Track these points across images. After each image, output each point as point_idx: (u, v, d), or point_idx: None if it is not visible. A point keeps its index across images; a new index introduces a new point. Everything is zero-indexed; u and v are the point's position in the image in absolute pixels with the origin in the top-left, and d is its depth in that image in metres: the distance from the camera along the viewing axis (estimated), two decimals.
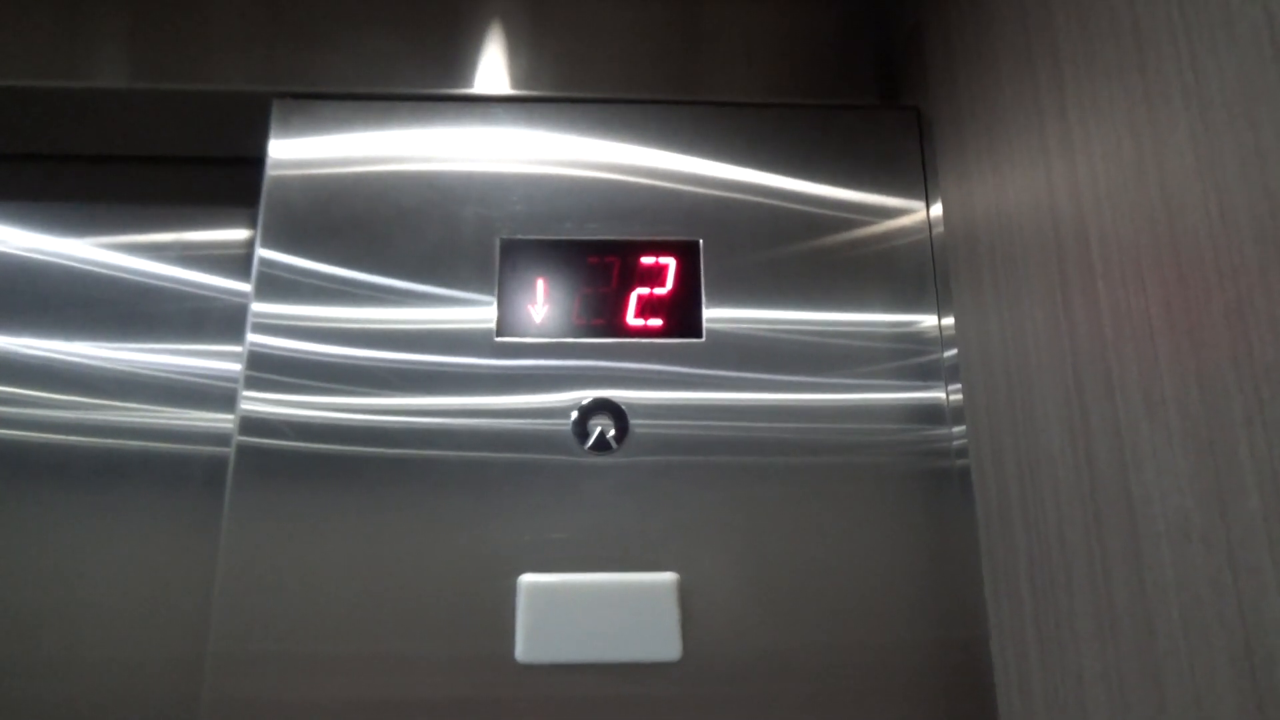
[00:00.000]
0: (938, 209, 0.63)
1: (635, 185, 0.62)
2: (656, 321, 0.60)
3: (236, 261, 0.69)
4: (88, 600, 0.61)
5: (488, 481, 0.56)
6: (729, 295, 0.60)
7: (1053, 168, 0.46)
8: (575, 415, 0.57)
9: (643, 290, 0.60)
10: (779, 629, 0.54)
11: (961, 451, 0.58)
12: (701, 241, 0.61)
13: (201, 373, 0.66)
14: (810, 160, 0.63)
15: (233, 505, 0.54)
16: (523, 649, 0.52)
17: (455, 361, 0.58)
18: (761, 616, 0.54)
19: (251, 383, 0.57)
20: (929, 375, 0.60)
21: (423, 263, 0.60)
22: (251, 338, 0.57)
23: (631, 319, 0.60)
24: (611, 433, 0.57)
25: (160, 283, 0.68)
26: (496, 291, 0.60)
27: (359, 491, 0.55)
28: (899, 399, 0.59)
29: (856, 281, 0.61)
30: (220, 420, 0.65)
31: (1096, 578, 0.42)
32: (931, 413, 0.59)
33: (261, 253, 0.59)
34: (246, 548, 0.54)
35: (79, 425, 0.64)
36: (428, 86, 0.66)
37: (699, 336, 0.59)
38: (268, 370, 0.57)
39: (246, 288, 0.61)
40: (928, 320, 0.61)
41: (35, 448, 0.64)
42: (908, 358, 0.60)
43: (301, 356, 0.57)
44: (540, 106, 0.64)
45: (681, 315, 0.60)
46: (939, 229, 0.62)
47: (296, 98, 0.63)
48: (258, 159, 0.62)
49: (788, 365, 0.59)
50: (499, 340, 0.59)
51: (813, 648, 0.54)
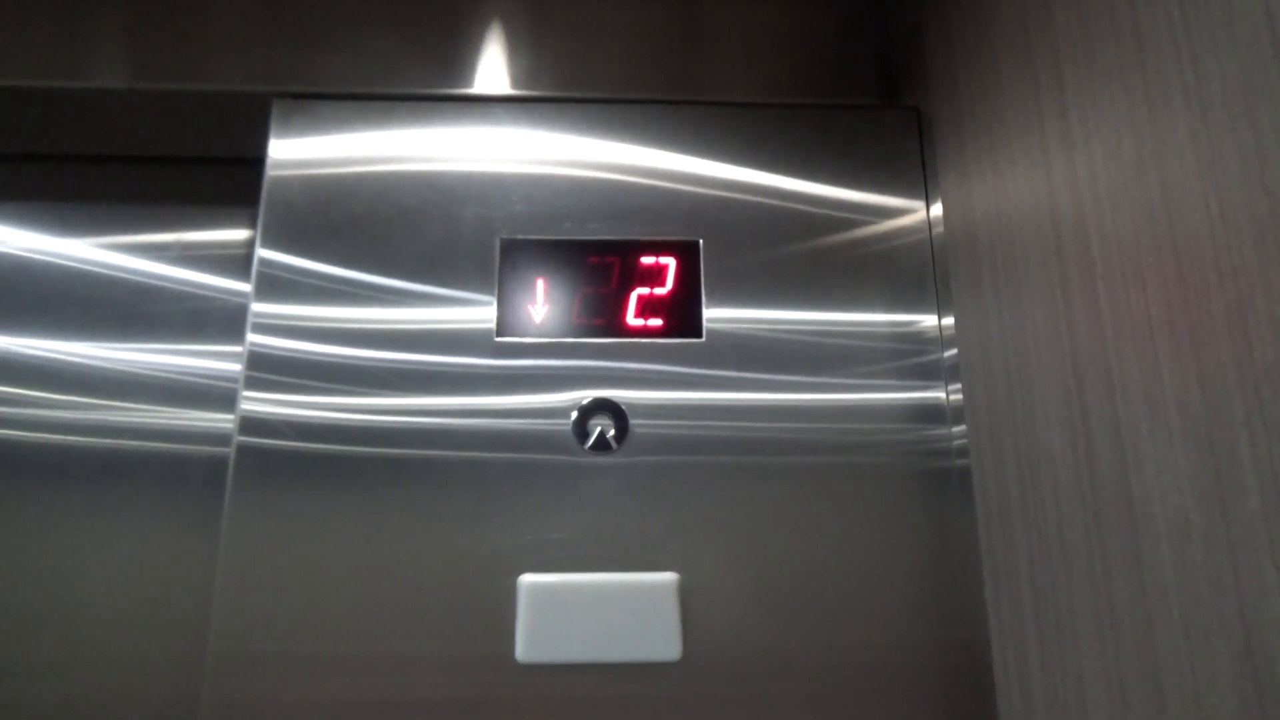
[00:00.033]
0: (938, 209, 0.63)
1: (635, 185, 0.62)
2: (656, 321, 0.60)
3: (236, 261, 0.69)
4: (88, 600, 0.61)
5: (488, 481, 0.56)
6: (729, 295, 0.60)
7: (1053, 167, 0.46)
8: (575, 415, 0.57)
9: (643, 290, 0.60)
10: (779, 629, 0.54)
11: (962, 451, 0.58)
12: (701, 241, 0.61)
13: (201, 373, 0.66)
14: (810, 160, 0.63)
15: (233, 505, 0.54)
16: (523, 649, 0.52)
17: (455, 361, 0.58)
18: (762, 616, 0.54)
19: (251, 383, 0.57)
20: (929, 375, 0.59)
21: (423, 263, 0.60)
22: (251, 338, 0.57)
23: (631, 319, 0.60)
24: (611, 433, 0.57)
25: (160, 283, 0.68)
26: (496, 291, 0.60)
27: (359, 491, 0.55)
28: (899, 399, 0.59)
29: (856, 281, 0.61)
30: (220, 420, 0.65)
31: (1097, 577, 0.42)
32: (932, 412, 0.59)
33: (261, 253, 0.59)
34: (246, 548, 0.54)
35: (79, 425, 0.64)
36: (428, 86, 0.66)
37: (699, 336, 0.59)
38: (268, 370, 0.57)
39: (246, 288, 0.61)
40: (928, 320, 0.61)
41: (35, 448, 0.64)
42: (908, 358, 0.60)
43: (301, 356, 0.57)
44: (540, 106, 0.64)
45: (681, 315, 0.60)
46: (939, 229, 0.62)
47: (296, 98, 0.63)
48: (258, 159, 0.62)
49: (788, 365, 0.59)
50: (499, 340, 0.59)
51: (813, 648, 0.54)
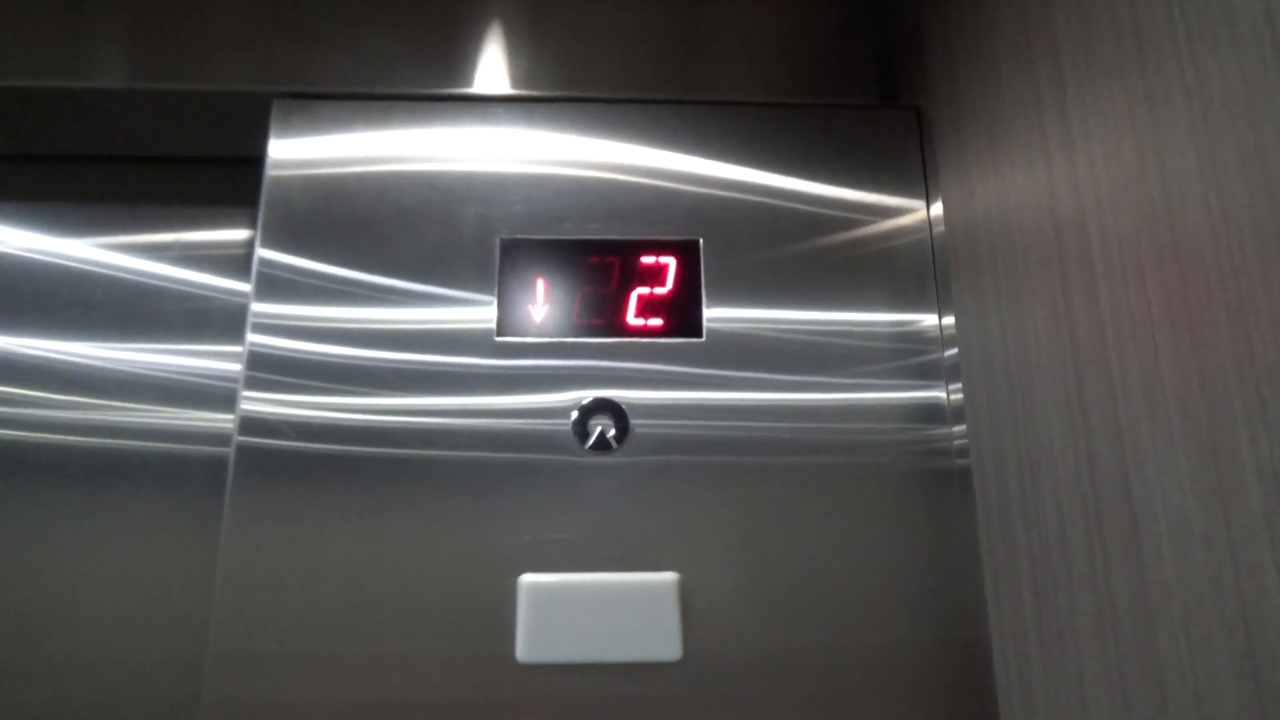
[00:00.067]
0: (938, 208, 0.63)
1: (635, 185, 0.62)
2: (657, 321, 0.60)
3: (236, 261, 0.69)
4: (88, 600, 0.61)
5: (488, 481, 0.56)
6: (729, 295, 0.60)
7: (1053, 167, 0.46)
8: (575, 415, 0.57)
9: (643, 290, 0.60)
10: (779, 629, 0.54)
11: (962, 451, 0.58)
12: (702, 241, 0.61)
13: (201, 373, 0.66)
14: (810, 160, 0.63)
15: (233, 505, 0.54)
16: (523, 649, 0.52)
17: (455, 361, 0.58)
18: (762, 616, 0.54)
19: (251, 383, 0.57)
20: (929, 375, 0.59)
21: (423, 263, 0.60)
22: (251, 338, 0.57)
23: (632, 319, 0.60)
24: (612, 432, 0.57)
25: (160, 283, 0.68)
26: (496, 291, 0.60)
27: (359, 491, 0.55)
28: (899, 398, 0.59)
29: (857, 281, 0.61)
30: (220, 420, 0.65)
31: (1097, 577, 0.42)
32: (932, 412, 0.59)
33: (261, 253, 0.59)
34: (246, 548, 0.54)
35: (79, 425, 0.64)
36: (428, 86, 0.66)
37: (699, 336, 0.59)
38: (268, 370, 0.57)
39: (246, 288, 0.61)
40: (928, 320, 0.61)
41: (35, 448, 0.64)
42: (908, 357, 0.60)
43: (301, 356, 0.57)
44: (540, 106, 0.64)
45: (682, 315, 0.60)
46: (939, 228, 0.62)
47: (296, 98, 0.63)
48: (258, 159, 0.62)
49: (788, 365, 0.59)
50: (499, 340, 0.59)
51: (813, 648, 0.54)
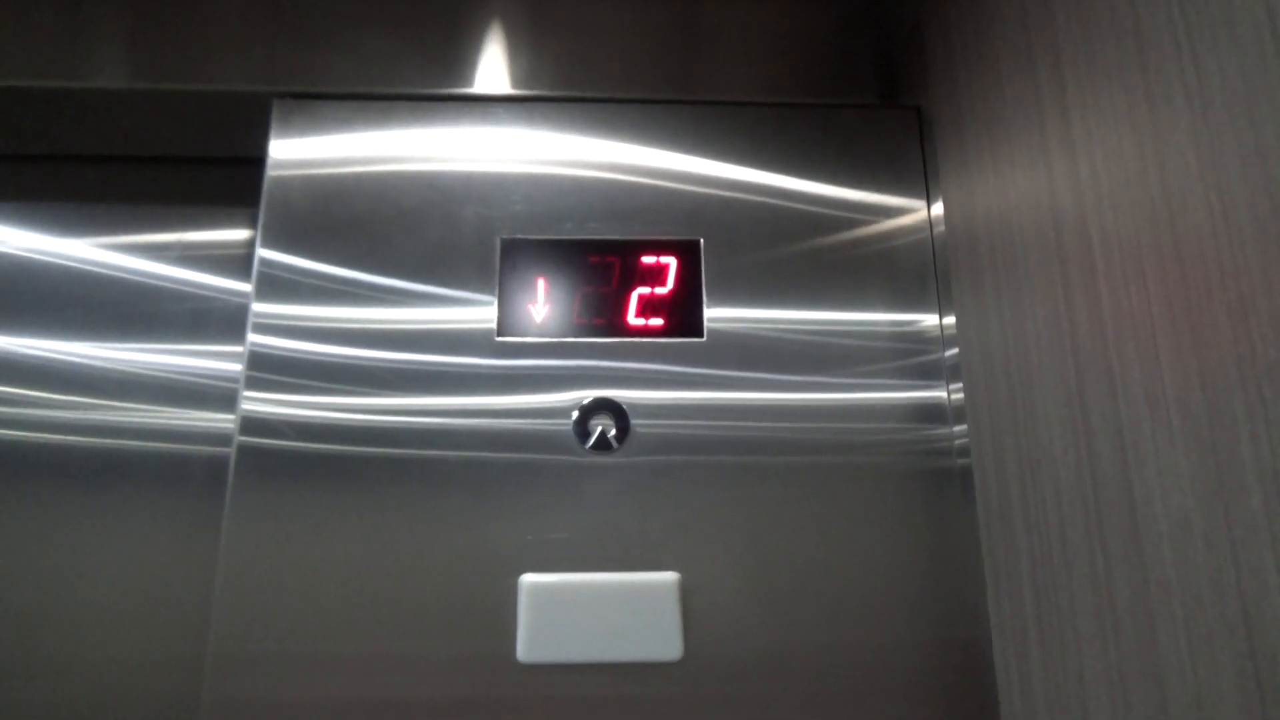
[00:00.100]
0: (938, 208, 0.63)
1: (636, 185, 0.62)
2: (657, 321, 0.60)
3: (237, 261, 0.69)
4: (88, 600, 0.61)
5: (488, 481, 0.56)
6: (730, 295, 0.60)
7: (1054, 167, 0.46)
8: (576, 415, 0.57)
9: (643, 290, 0.60)
10: (780, 629, 0.54)
11: (963, 451, 0.58)
12: (702, 241, 0.61)
13: (202, 373, 0.66)
14: (811, 159, 0.63)
15: (233, 505, 0.54)
16: (524, 649, 0.52)
17: (456, 361, 0.58)
18: (762, 616, 0.54)
19: (252, 383, 0.57)
20: (930, 374, 0.59)
21: (423, 263, 0.60)
22: (252, 338, 0.57)
23: (632, 318, 0.60)
24: (612, 432, 0.57)
25: (160, 283, 0.68)
26: (497, 291, 0.60)
27: (360, 491, 0.55)
28: (900, 398, 0.59)
29: (857, 281, 0.61)
30: (221, 420, 0.65)
31: (1098, 577, 0.42)
32: (933, 412, 0.59)
33: (262, 253, 0.59)
34: (247, 548, 0.54)
35: (79, 425, 0.64)
36: (428, 86, 0.66)
37: (700, 336, 0.59)
38: (268, 370, 0.57)
39: (247, 288, 0.61)
40: (929, 319, 0.61)
41: (35, 448, 0.64)
42: (909, 357, 0.60)
43: (302, 356, 0.57)
44: (540, 106, 0.64)
45: (682, 315, 0.60)
46: (940, 228, 0.62)
47: (296, 98, 0.63)
48: (258, 159, 0.62)
49: (789, 365, 0.59)
50: (499, 340, 0.59)
51: (814, 648, 0.54)
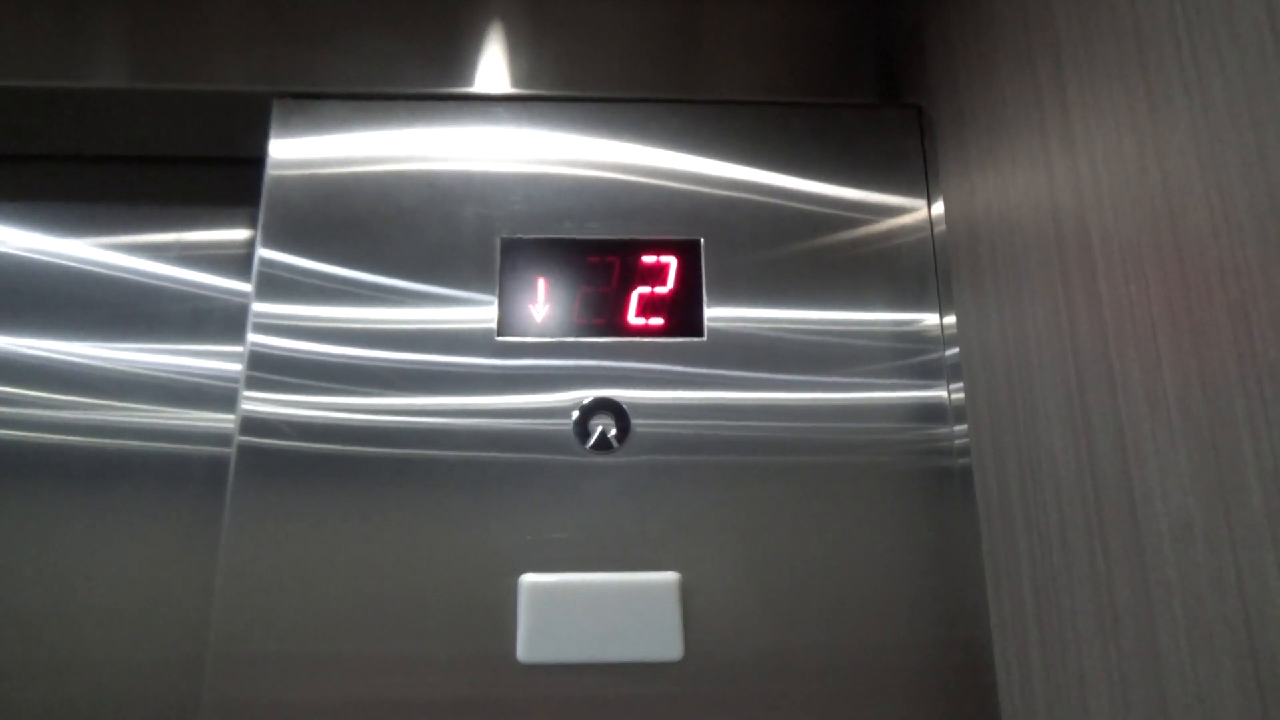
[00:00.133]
0: (939, 207, 0.62)
1: (636, 184, 0.62)
2: (658, 321, 0.60)
3: (237, 261, 0.69)
4: (88, 600, 0.61)
5: (488, 481, 0.56)
6: (730, 294, 0.60)
7: (1054, 166, 0.46)
8: (576, 415, 0.57)
9: (644, 289, 0.60)
10: (780, 629, 0.54)
11: (963, 450, 0.58)
12: (702, 240, 0.61)
13: (202, 373, 0.66)
14: (811, 159, 0.63)
15: (233, 505, 0.54)
16: (524, 649, 0.52)
17: (456, 361, 0.58)
18: (763, 616, 0.54)
19: (252, 383, 0.57)
20: (930, 374, 0.59)
21: (423, 262, 0.60)
22: (252, 338, 0.57)
23: (632, 318, 0.60)
24: (613, 432, 0.57)
25: (160, 283, 0.68)
26: (497, 291, 0.59)
27: (360, 491, 0.55)
28: (900, 398, 0.59)
29: (858, 280, 0.61)
30: (221, 420, 0.65)
31: (1098, 577, 0.42)
32: (933, 411, 0.59)
33: (262, 253, 0.59)
34: (247, 548, 0.54)
35: (79, 425, 0.64)
36: (428, 86, 0.66)
37: (700, 336, 0.59)
38: (268, 370, 0.57)
39: (247, 288, 0.61)
40: (929, 319, 0.61)
41: (35, 448, 0.64)
42: (909, 356, 0.60)
43: (302, 356, 0.57)
44: (540, 105, 0.64)
45: (683, 314, 0.60)
46: (940, 227, 0.62)
47: (296, 98, 0.63)
48: (258, 159, 0.61)
49: (789, 364, 0.59)
50: (500, 340, 0.59)
51: (814, 648, 0.54)
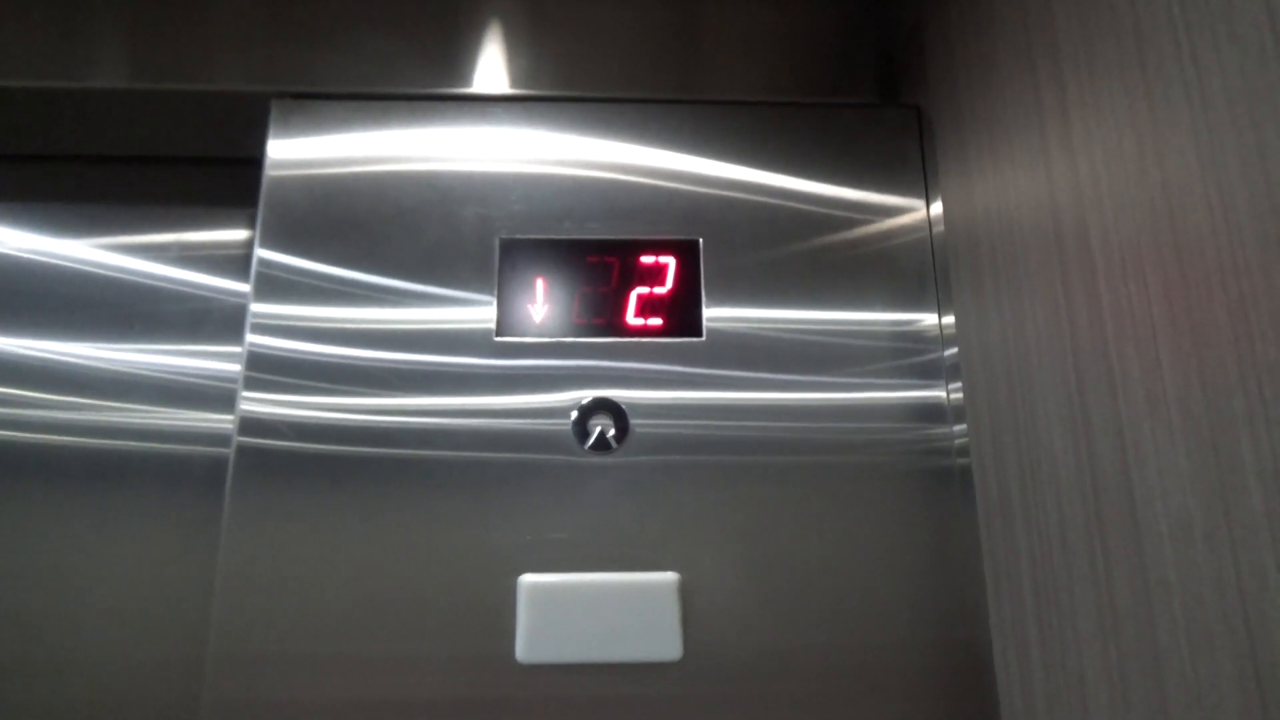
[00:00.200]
0: (938, 207, 0.62)
1: (635, 184, 0.62)
2: (656, 321, 0.60)
3: (235, 262, 0.69)
4: (87, 600, 0.61)
5: (488, 481, 0.56)
6: (729, 294, 0.60)
7: (1053, 166, 0.46)
8: (575, 415, 0.57)
9: (642, 289, 0.60)
10: (780, 629, 0.54)
11: (962, 450, 0.57)
12: (701, 240, 0.61)
13: (201, 373, 0.66)
14: (810, 159, 0.63)
15: (233, 506, 0.54)
16: (523, 649, 0.52)
17: (455, 361, 0.58)
18: (762, 616, 0.54)
19: (251, 383, 0.57)
20: (930, 374, 0.59)
21: (422, 263, 0.60)
22: (251, 338, 0.57)
23: (631, 318, 0.60)
24: (612, 432, 0.57)
25: (159, 283, 0.68)
26: (496, 291, 0.59)
27: (359, 492, 0.55)
28: (900, 398, 0.59)
29: (857, 280, 0.61)
30: (220, 421, 0.65)
31: (1098, 577, 0.41)
32: (932, 411, 0.59)
33: (260, 253, 0.59)
34: (246, 548, 0.54)
35: (78, 426, 0.64)
36: (427, 86, 0.66)
37: (699, 336, 0.59)
38: (267, 371, 0.57)
39: (245, 288, 0.61)
40: (928, 319, 0.61)
41: (35, 448, 0.64)
42: (908, 356, 0.60)
43: (301, 357, 0.57)
44: (540, 106, 0.64)
45: (681, 314, 0.60)
46: (939, 227, 0.62)
47: (296, 98, 0.63)
48: (257, 159, 0.61)
49: (788, 364, 0.59)
50: (498, 340, 0.59)
51: (813, 648, 0.54)
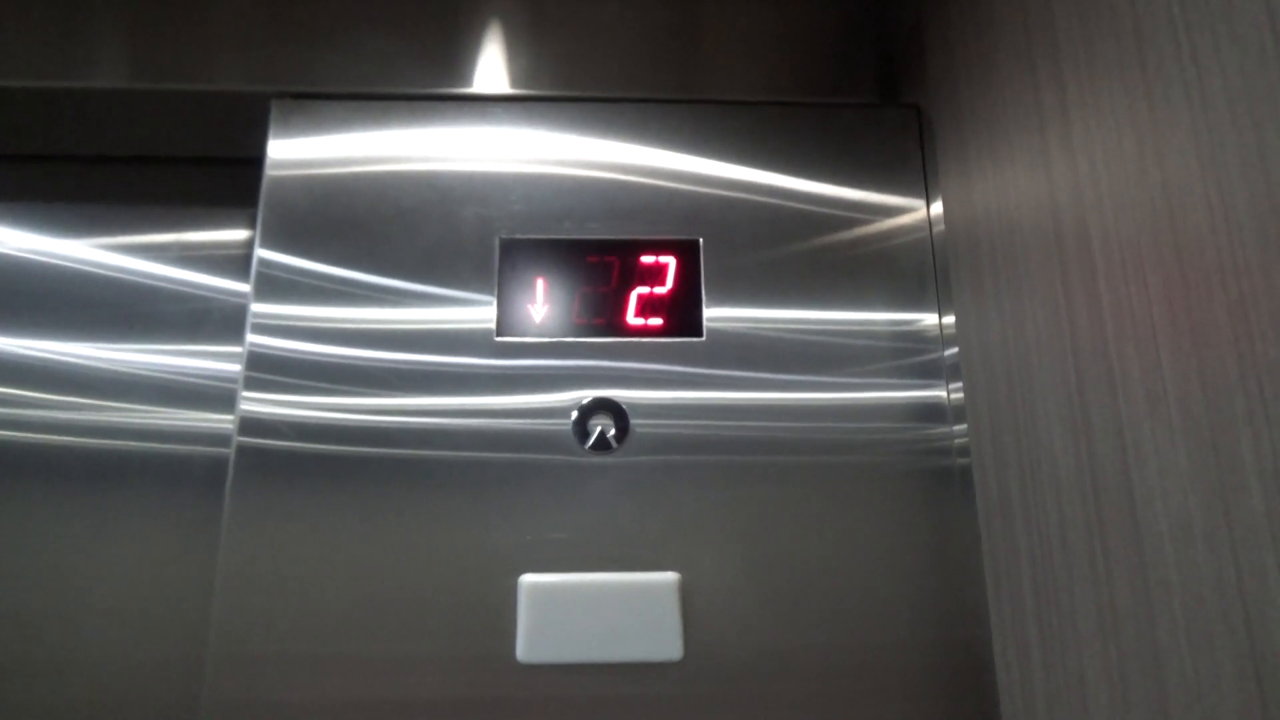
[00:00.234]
0: (938, 207, 0.62)
1: (635, 184, 0.62)
2: (657, 321, 0.60)
3: (236, 262, 0.69)
4: (87, 600, 0.61)
5: (488, 481, 0.56)
6: (729, 294, 0.60)
7: (1053, 166, 0.46)
8: (575, 415, 0.57)
9: (643, 289, 0.60)
10: (780, 629, 0.54)
11: (963, 450, 0.57)
12: (701, 240, 0.61)
13: (201, 373, 0.66)
14: (810, 159, 0.63)
15: (233, 506, 0.54)
16: (524, 649, 0.52)
17: (455, 361, 0.58)
18: (762, 616, 0.54)
19: (251, 383, 0.57)
20: (930, 374, 0.59)
21: (422, 263, 0.60)
22: (251, 338, 0.57)
23: (631, 318, 0.60)
24: (612, 432, 0.57)
25: (160, 283, 0.68)
26: (496, 291, 0.59)
27: (359, 492, 0.55)
28: (900, 398, 0.59)
29: (857, 280, 0.61)
30: (220, 421, 0.65)
31: (1098, 577, 0.41)
32: (932, 411, 0.59)
33: (260, 253, 0.59)
34: (246, 548, 0.54)
35: (79, 426, 0.64)
36: (427, 86, 0.66)
37: (699, 336, 0.59)
38: (267, 371, 0.57)
39: (246, 288, 0.61)
40: (928, 319, 0.61)
41: (35, 448, 0.64)
42: (908, 356, 0.60)
43: (301, 357, 0.57)
44: (539, 105, 0.64)
45: (682, 314, 0.60)
46: (939, 227, 0.62)
47: (296, 98, 0.63)
48: (257, 159, 0.61)
49: (788, 364, 0.59)
50: (499, 340, 0.59)
51: (814, 648, 0.54)
